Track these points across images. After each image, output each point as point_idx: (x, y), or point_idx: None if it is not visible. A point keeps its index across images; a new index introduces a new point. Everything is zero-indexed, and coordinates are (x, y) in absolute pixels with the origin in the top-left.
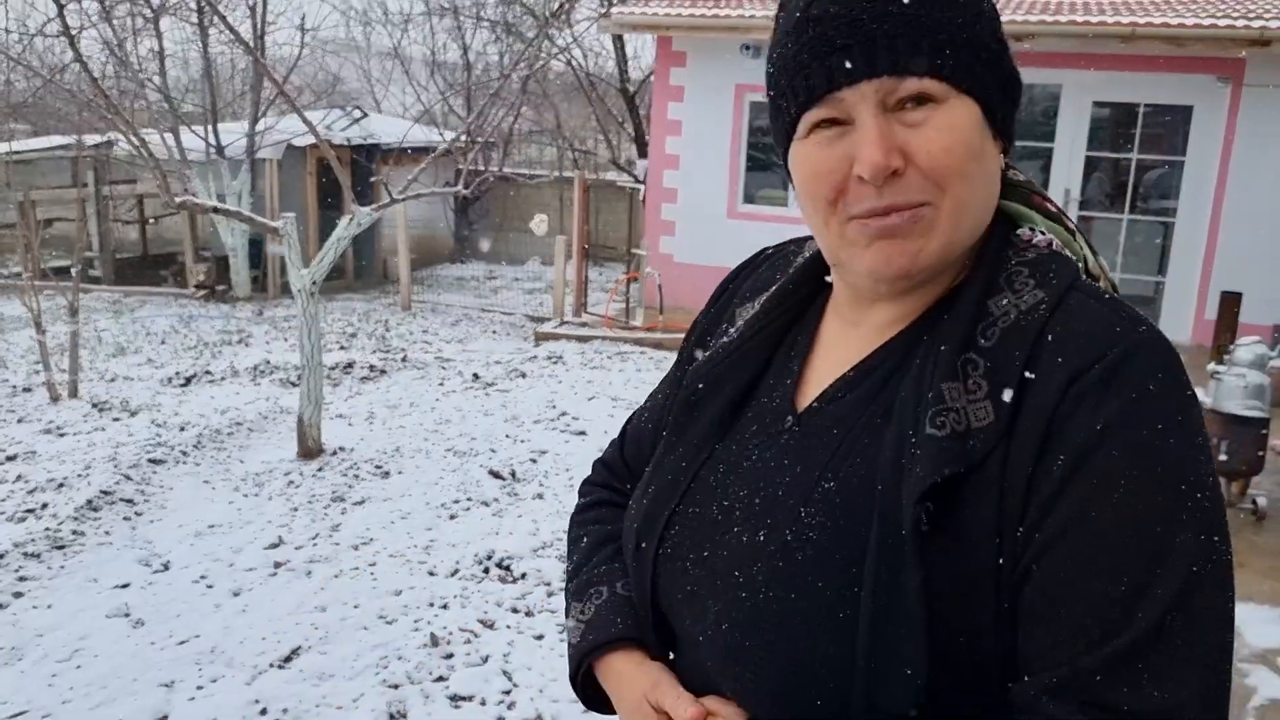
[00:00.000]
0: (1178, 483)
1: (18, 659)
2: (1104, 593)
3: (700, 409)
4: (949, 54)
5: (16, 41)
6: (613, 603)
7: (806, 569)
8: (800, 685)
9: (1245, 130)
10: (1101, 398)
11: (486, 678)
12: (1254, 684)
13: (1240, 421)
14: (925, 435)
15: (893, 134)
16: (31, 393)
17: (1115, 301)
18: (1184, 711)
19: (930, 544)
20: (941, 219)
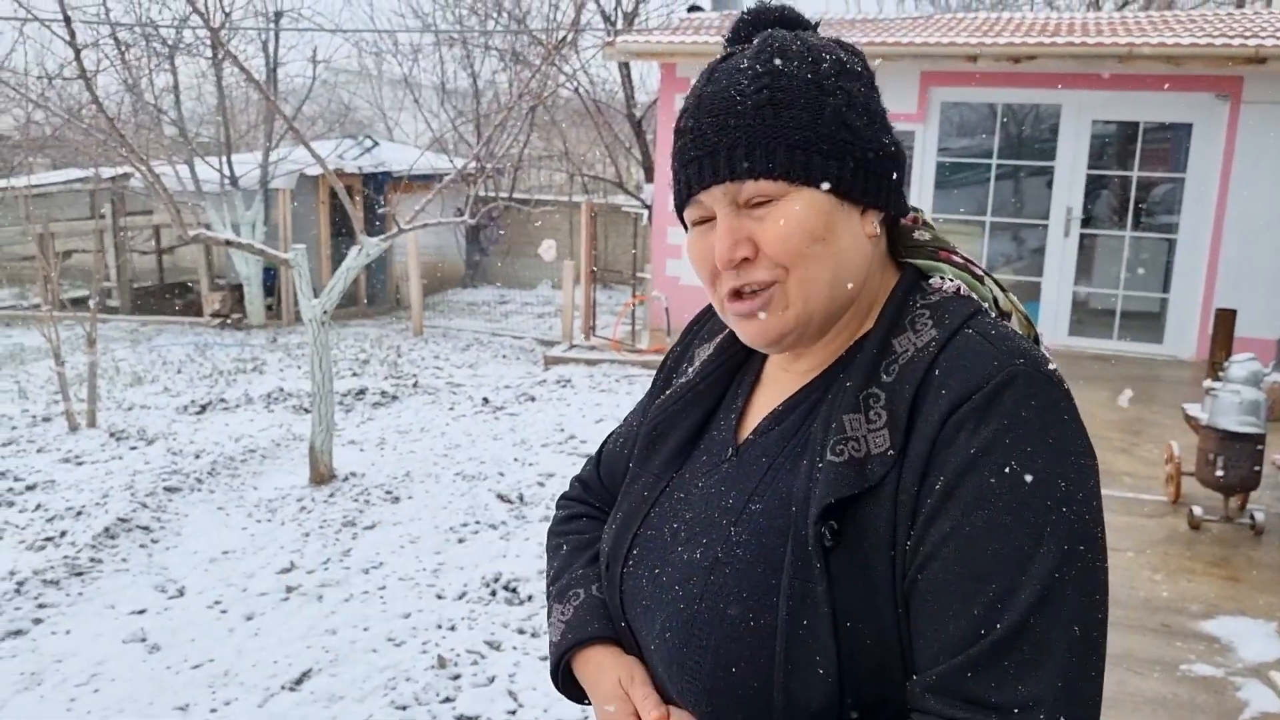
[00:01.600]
0: (1043, 499)
1: (37, 684)
2: (973, 599)
3: (661, 442)
4: (780, 157)
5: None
6: (589, 604)
7: (732, 582)
8: (727, 688)
9: (1245, 146)
10: (977, 426)
11: (492, 698)
12: (1246, 698)
13: (1236, 438)
14: (827, 462)
15: (743, 228)
16: (51, 422)
17: (1002, 337)
18: (1044, 704)
19: (834, 557)
20: (790, 293)
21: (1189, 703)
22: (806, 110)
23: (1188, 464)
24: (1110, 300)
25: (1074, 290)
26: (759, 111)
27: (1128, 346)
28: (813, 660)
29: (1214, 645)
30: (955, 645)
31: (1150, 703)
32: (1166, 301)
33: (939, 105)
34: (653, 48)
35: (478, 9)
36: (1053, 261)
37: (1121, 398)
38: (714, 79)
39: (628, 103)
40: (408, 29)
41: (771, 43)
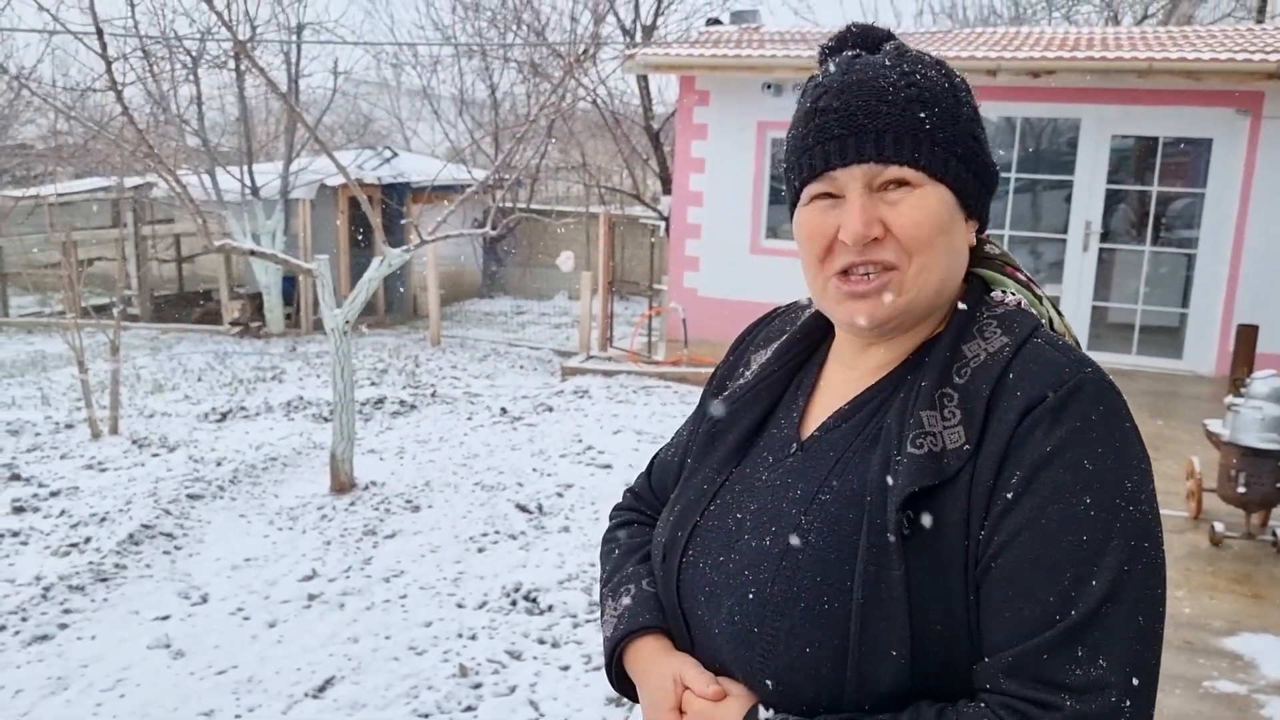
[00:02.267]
0: (1113, 497)
1: (64, 688)
2: (1048, 587)
3: (721, 439)
4: (925, 148)
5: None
6: (641, 598)
7: (806, 567)
8: (801, 667)
9: (1265, 161)
10: (1051, 426)
11: (514, 708)
12: (1270, 715)
13: (1258, 454)
14: (907, 454)
15: (874, 209)
16: (74, 429)
17: (1068, 348)
18: (1113, 686)
19: (910, 544)
20: (906, 280)
21: (1212, 719)
22: (947, 114)
23: (1209, 480)
24: (1129, 315)
25: (1093, 304)
26: (908, 105)
27: (1147, 361)
28: (887, 642)
29: (1237, 662)
30: (1030, 629)
31: (1173, 719)
32: (1186, 317)
33: None
34: (673, 60)
35: (498, 21)
36: (1071, 275)
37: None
38: (854, 69)
39: (645, 115)
40: (428, 41)
41: (906, 51)
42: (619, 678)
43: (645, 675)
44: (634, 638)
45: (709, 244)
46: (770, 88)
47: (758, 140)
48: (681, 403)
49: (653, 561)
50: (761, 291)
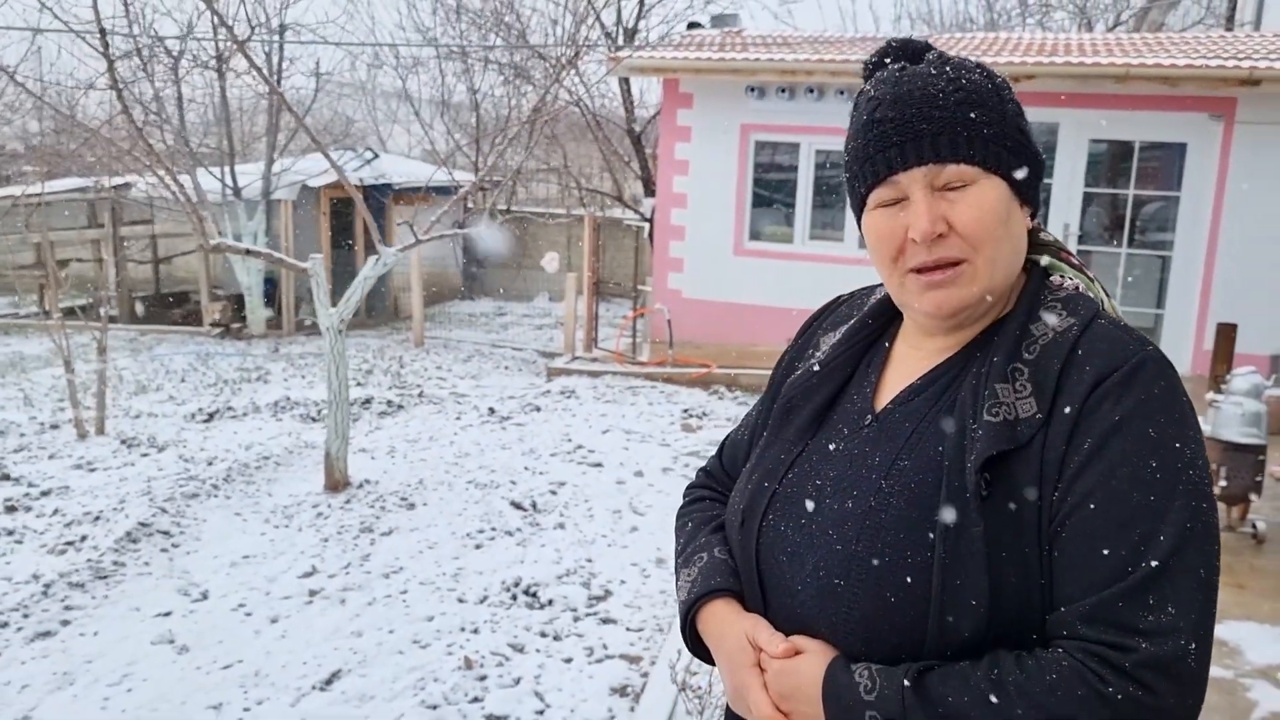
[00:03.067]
0: (1175, 461)
1: (69, 683)
2: (1121, 541)
3: (796, 413)
4: (978, 146)
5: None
6: (713, 564)
7: (889, 525)
8: (885, 617)
9: (1238, 165)
10: (1120, 396)
11: (520, 698)
12: (1256, 698)
13: (1238, 448)
14: (984, 421)
15: (937, 207)
16: (59, 429)
17: (1129, 329)
18: (1182, 631)
19: (987, 504)
20: (978, 271)
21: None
22: (994, 111)
23: None
24: None
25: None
26: (958, 107)
27: None
28: (967, 593)
29: (1223, 649)
30: (1105, 580)
31: None
32: (1161, 317)
33: None
34: (657, 63)
35: (479, 23)
36: None
37: None
38: (904, 81)
39: (627, 117)
40: (409, 43)
41: (949, 58)
42: (694, 641)
43: (721, 636)
44: (707, 600)
45: (693, 245)
46: (753, 91)
47: (741, 143)
48: (668, 402)
49: (728, 528)
50: (745, 293)
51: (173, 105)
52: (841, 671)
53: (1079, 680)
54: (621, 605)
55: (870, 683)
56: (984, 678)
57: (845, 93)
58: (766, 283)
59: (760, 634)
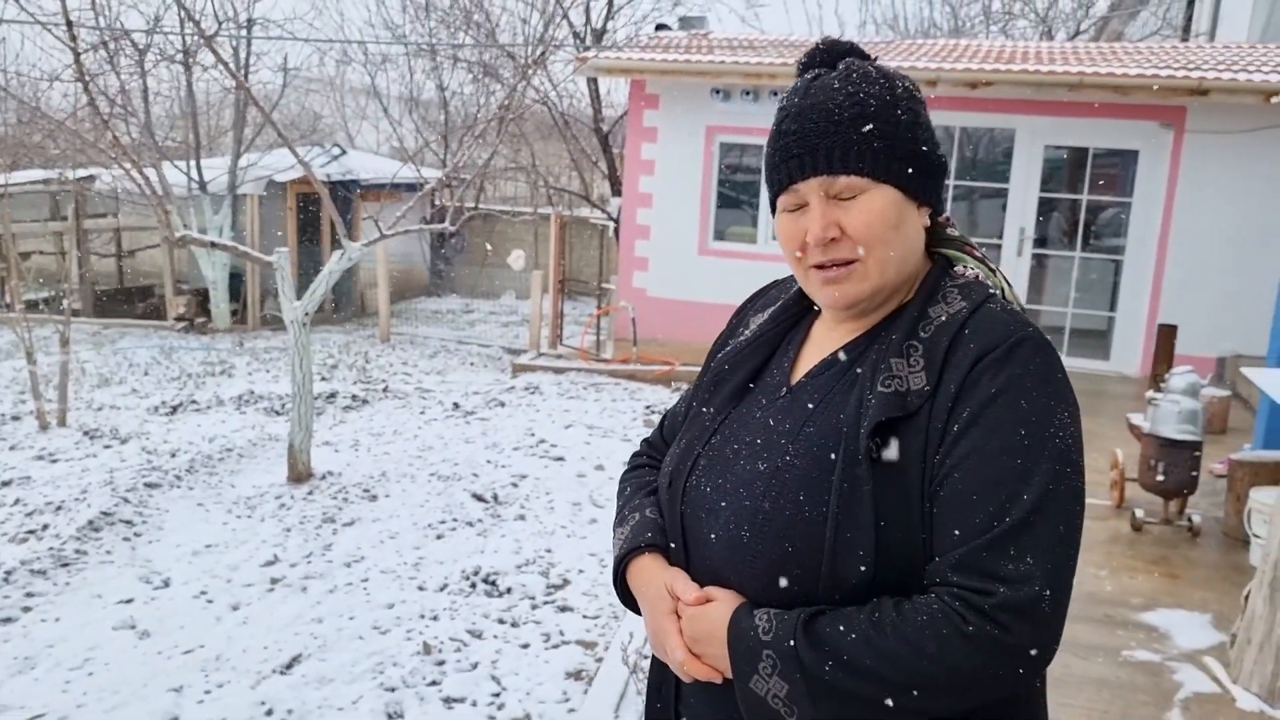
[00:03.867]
0: (1043, 430)
1: (31, 667)
2: (989, 500)
3: (723, 384)
4: (868, 159)
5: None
6: (643, 522)
7: (792, 484)
8: (783, 565)
9: (1187, 173)
10: (996, 372)
11: (477, 682)
12: (1181, 680)
13: (1175, 444)
14: (877, 393)
15: (831, 214)
16: (20, 421)
17: (1015, 312)
18: (1037, 578)
19: (877, 466)
20: (869, 269)
21: (1129, 684)
22: (887, 124)
23: (1131, 470)
24: (1060, 318)
25: (1025, 308)
26: (851, 123)
27: (1076, 363)
28: (855, 545)
29: (1153, 634)
30: (973, 533)
31: (1094, 683)
32: (1113, 320)
33: None
34: (624, 64)
35: (448, 21)
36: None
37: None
38: (810, 94)
39: (595, 117)
40: (378, 40)
41: (855, 69)
42: (624, 593)
43: (644, 587)
44: (635, 555)
45: (658, 245)
46: (719, 93)
47: (706, 144)
48: (631, 399)
49: (659, 488)
50: (709, 292)
51: (139, 98)
52: (745, 616)
53: (945, 620)
54: (579, 594)
55: (768, 625)
56: (865, 619)
57: None
58: (730, 282)
59: (677, 584)
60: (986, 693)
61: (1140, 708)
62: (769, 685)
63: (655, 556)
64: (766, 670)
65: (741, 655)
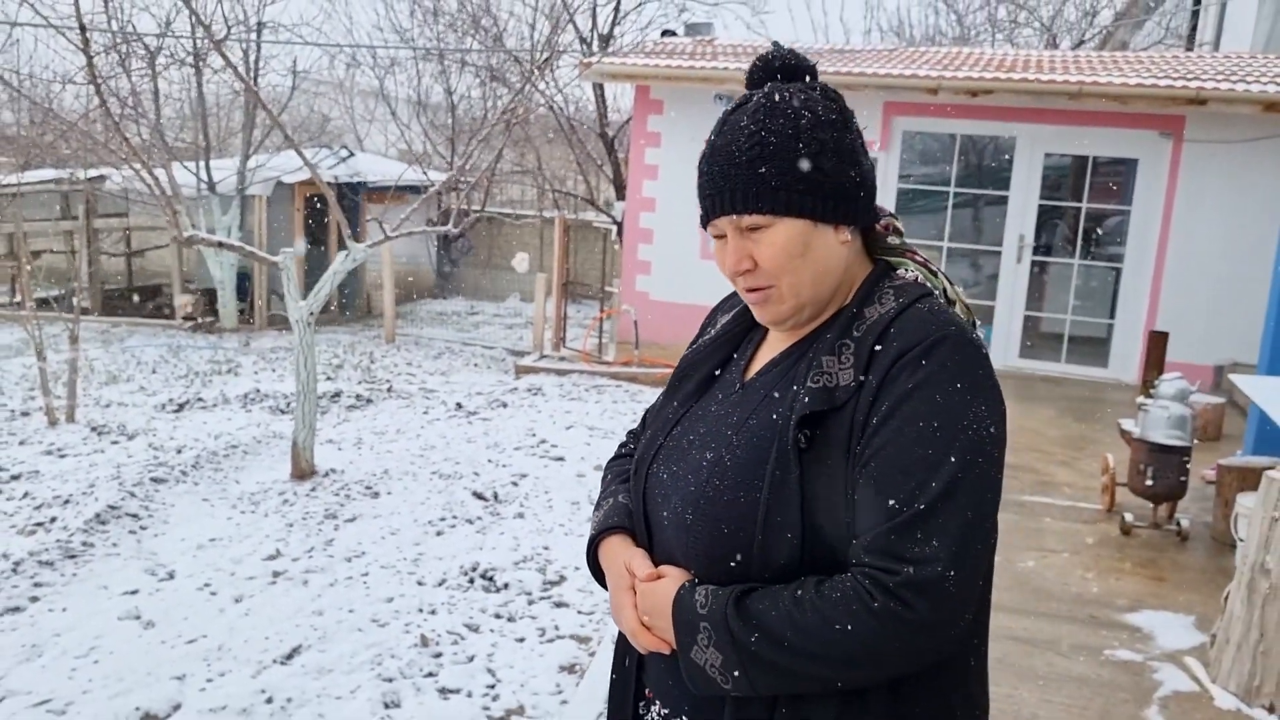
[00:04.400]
0: (956, 423)
1: (38, 655)
2: (900, 488)
3: (687, 379)
4: (766, 198)
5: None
6: (615, 506)
7: (731, 472)
8: (720, 546)
9: (1186, 181)
10: (915, 368)
11: (472, 674)
12: (1161, 678)
13: (1164, 450)
14: (807, 388)
15: (744, 247)
16: (29, 417)
17: (943, 311)
18: (940, 560)
19: (806, 456)
20: (783, 294)
21: (1110, 682)
22: (785, 161)
23: (1122, 475)
24: (1060, 325)
25: (1025, 315)
26: (749, 165)
27: (1075, 370)
28: (784, 528)
29: (1136, 634)
30: (886, 517)
31: (1075, 681)
32: (1112, 327)
33: (900, 134)
34: (628, 70)
35: (456, 25)
36: (1005, 287)
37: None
38: (722, 134)
39: (601, 121)
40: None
41: (766, 103)
42: (597, 571)
43: (609, 565)
44: (604, 536)
45: (661, 249)
46: (721, 99)
47: None
48: (632, 401)
49: (630, 476)
50: (710, 296)
51: (149, 100)
52: (687, 592)
53: (855, 597)
54: (575, 590)
55: (705, 600)
56: (789, 596)
57: None
58: (731, 287)
59: (634, 562)
60: (895, 666)
61: (1120, 705)
62: (707, 655)
63: (622, 537)
64: (704, 642)
65: (683, 627)
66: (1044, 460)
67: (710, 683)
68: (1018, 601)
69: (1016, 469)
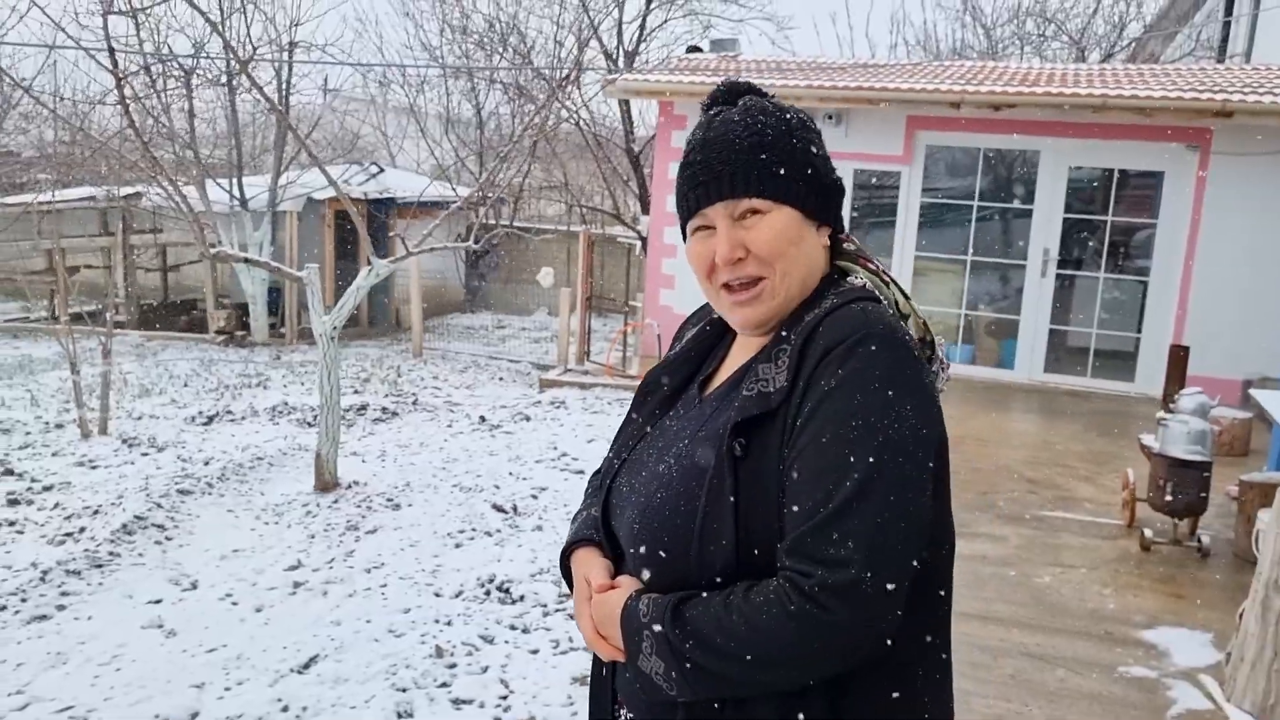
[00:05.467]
0: (876, 422)
1: (62, 662)
2: (815, 490)
3: (653, 395)
4: (768, 182)
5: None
6: (586, 519)
7: (677, 482)
8: (664, 553)
9: (1213, 195)
10: (838, 368)
11: (486, 685)
12: (1175, 696)
13: (1184, 465)
14: (742, 396)
15: (736, 235)
16: (63, 429)
17: (874, 311)
18: (854, 562)
19: (743, 465)
20: (776, 285)
21: (1122, 699)
22: (783, 152)
23: (1142, 491)
24: (1086, 339)
25: (1050, 329)
26: (751, 150)
27: (1101, 384)
28: (719, 535)
29: (1151, 651)
30: (803, 519)
31: (1087, 698)
32: (1139, 341)
33: (924, 148)
34: (652, 86)
35: (485, 44)
36: (1030, 301)
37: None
38: (713, 127)
39: (626, 137)
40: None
41: (752, 104)
42: (569, 581)
43: (575, 575)
44: (574, 548)
45: (684, 264)
46: None
47: None
48: None
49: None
50: None
51: (184, 119)
52: (634, 601)
53: (776, 600)
54: None
55: (648, 608)
56: (721, 601)
57: (834, 117)
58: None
59: (592, 573)
60: (819, 667)
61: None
62: (651, 663)
63: (589, 549)
64: (648, 650)
65: (629, 636)
66: (1066, 475)
67: (657, 689)
68: (1032, 617)
69: (1037, 484)
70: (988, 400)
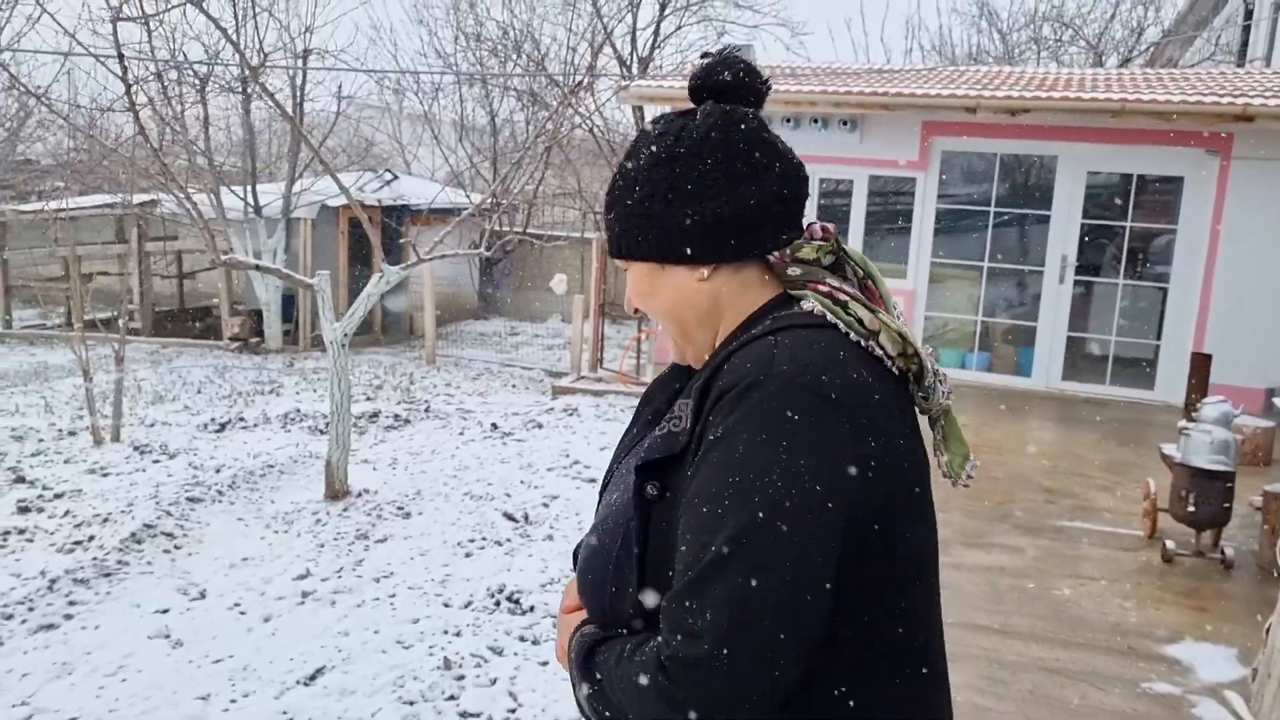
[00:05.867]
0: (754, 477)
1: (68, 673)
2: (689, 548)
3: (647, 406)
4: (613, 243)
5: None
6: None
7: (612, 518)
8: (589, 593)
9: (1234, 200)
10: (727, 414)
11: (494, 697)
12: (1200, 713)
13: (1207, 475)
14: (653, 435)
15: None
16: (76, 436)
17: (791, 348)
18: (708, 635)
19: (654, 506)
20: (674, 330)
21: (1146, 716)
22: (623, 205)
23: (1164, 501)
24: (1104, 346)
25: (1069, 336)
26: (606, 214)
27: (1120, 392)
28: (626, 579)
29: (1175, 666)
30: (675, 581)
31: (1109, 715)
32: (1159, 349)
33: (940, 154)
34: (665, 92)
35: (498, 51)
36: (1048, 307)
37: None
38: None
39: None
40: (430, 69)
41: (638, 138)
42: None
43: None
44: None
45: None
46: None
47: None
48: None
49: None
50: None
51: (198, 126)
52: (575, 631)
53: (645, 664)
54: None
55: (577, 642)
56: (621, 649)
57: (849, 123)
58: None
59: (567, 592)
60: None
61: None
62: (578, 692)
63: None
64: (575, 680)
65: (569, 664)
66: (1084, 485)
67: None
68: (1051, 631)
69: (1055, 493)
70: (1004, 408)
